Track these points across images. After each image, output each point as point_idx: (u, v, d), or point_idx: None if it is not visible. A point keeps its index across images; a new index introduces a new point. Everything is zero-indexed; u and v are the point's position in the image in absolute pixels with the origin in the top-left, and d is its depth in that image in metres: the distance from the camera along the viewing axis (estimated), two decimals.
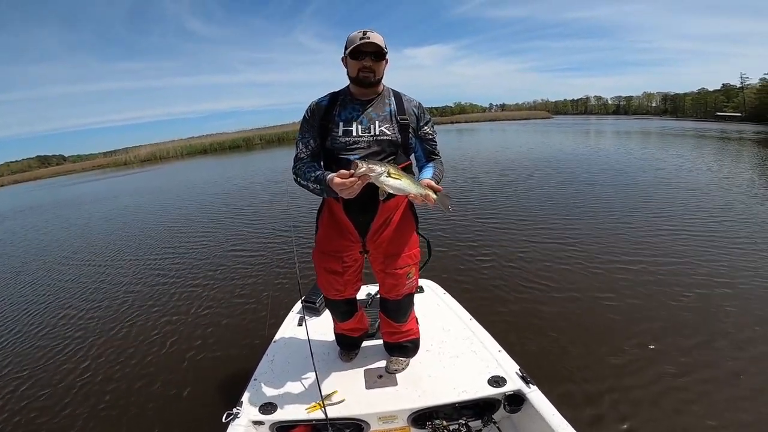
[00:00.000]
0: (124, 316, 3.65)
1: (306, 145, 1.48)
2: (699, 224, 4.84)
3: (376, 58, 1.38)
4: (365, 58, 1.36)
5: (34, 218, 10.55)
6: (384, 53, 1.38)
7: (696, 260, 3.78)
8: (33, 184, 28.79)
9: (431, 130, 1.57)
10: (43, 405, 2.53)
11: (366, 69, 1.38)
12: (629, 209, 5.65)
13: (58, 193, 17.93)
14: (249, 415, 1.50)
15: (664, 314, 2.89)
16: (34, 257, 6.33)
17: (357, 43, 1.34)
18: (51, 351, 3.19)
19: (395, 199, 1.51)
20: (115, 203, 11.34)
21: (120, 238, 6.87)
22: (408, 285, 1.65)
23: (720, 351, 2.47)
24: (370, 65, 1.38)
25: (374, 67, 1.39)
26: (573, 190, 7.21)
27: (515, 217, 5.60)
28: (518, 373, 1.59)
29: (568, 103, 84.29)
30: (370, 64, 1.37)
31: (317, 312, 2.26)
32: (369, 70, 1.38)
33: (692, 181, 7.56)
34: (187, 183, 13.89)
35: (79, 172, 34.46)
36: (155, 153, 33.94)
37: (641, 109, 69.88)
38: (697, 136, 18.77)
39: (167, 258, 5.32)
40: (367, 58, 1.36)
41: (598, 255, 4.02)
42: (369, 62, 1.37)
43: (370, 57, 1.37)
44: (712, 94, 53.20)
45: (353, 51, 1.35)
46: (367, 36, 1.34)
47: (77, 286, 4.66)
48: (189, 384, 2.55)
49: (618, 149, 13.91)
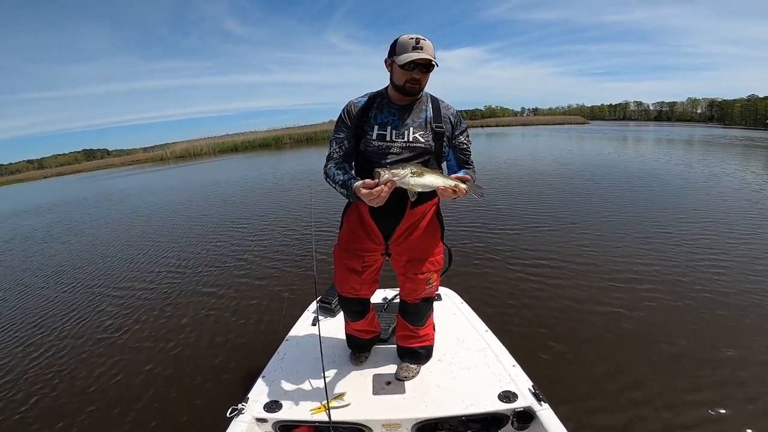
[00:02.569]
0: (145, 305, 3.81)
1: (340, 144, 1.47)
2: (736, 244, 4.50)
3: (426, 69, 1.34)
4: (416, 70, 1.32)
5: (51, 216, 11.01)
6: (434, 66, 1.34)
7: (731, 279, 3.51)
8: (74, 177, 30.55)
9: (466, 139, 1.53)
10: (67, 389, 2.65)
11: (414, 81, 1.35)
12: (671, 228, 5.23)
13: (98, 186, 18.94)
14: (253, 412, 1.51)
15: (701, 345, 2.64)
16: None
17: (411, 55, 1.28)
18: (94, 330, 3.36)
19: (423, 206, 1.49)
20: (144, 199, 11.83)
21: (142, 232, 7.15)
22: (427, 290, 1.64)
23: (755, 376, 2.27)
24: (419, 78, 1.34)
25: (422, 79, 1.36)
26: (607, 203, 6.74)
27: (545, 229, 5.35)
28: (531, 389, 1.52)
29: (605, 108, 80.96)
30: (419, 76, 1.34)
31: (332, 313, 2.26)
32: (417, 82, 1.35)
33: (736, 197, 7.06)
34: (212, 182, 14.25)
35: (119, 166, 36.30)
36: (189, 150, 35.24)
37: (685, 115, 66.22)
38: (754, 146, 17.30)
39: (189, 252, 5.50)
40: (417, 70, 1.33)
41: (628, 274, 3.77)
42: (418, 74, 1.34)
43: (420, 69, 1.33)
44: (763, 101, 49.84)
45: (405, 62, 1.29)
46: (420, 46, 1.28)
47: (96, 267, 4.91)
48: (198, 377, 2.61)
49: (663, 159, 13.00)
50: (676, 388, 2.22)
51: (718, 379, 2.28)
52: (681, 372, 2.36)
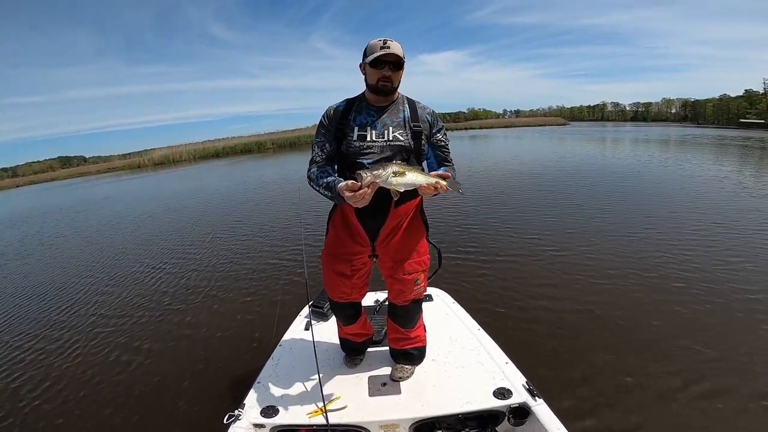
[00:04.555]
0: (135, 314, 3.72)
1: (321, 148, 1.51)
2: (719, 236, 4.70)
3: (395, 67, 1.41)
4: (385, 68, 1.39)
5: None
6: (402, 63, 1.41)
7: (713, 272, 3.67)
8: (47, 185, 29.48)
9: (443, 137, 1.58)
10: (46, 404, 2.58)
11: (385, 78, 1.41)
12: (651, 222, 5.45)
13: (71, 195, 18.39)
14: (250, 418, 1.51)
15: (683, 333, 2.76)
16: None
17: (378, 53, 1.36)
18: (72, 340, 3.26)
19: (406, 206, 1.52)
20: (126, 209, 11.58)
21: (127, 241, 7.03)
22: (416, 291, 1.66)
23: (740, 366, 2.37)
24: (389, 75, 1.40)
25: (393, 76, 1.42)
26: (592, 201, 6.92)
27: (531, 227, 5.45)
28: (525, 385, 1.55)
29: (584, 109, 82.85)
30: (389, 73, 1.40)
31: (324, 317, 2.26)
32: (388, 79, 1.41)
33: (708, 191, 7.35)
34: (191, 190, 14.05)
35: (94, 174, 35.18)
36: (168, 156, 34.34)
37: (660, 115, 68.23)
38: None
39: (178, 260, 5.41)
40: (387, 68, 1.39)
41: (617, 269, 3.89)
42: (388, 72, 1.40)
43: (389, 66, 1.40)
44: (734, 100, 51.78)
45: (374, 60, 1.37)
46: (388, 45, 1.36)
47: (84, 282, 4.77)
48: (193, 384, 2.58)
49: (645, 158, 13.37)
50: (668, 379, 2.29)
51: (709, 369, 2.35)
52: (672, 363, 2.43)
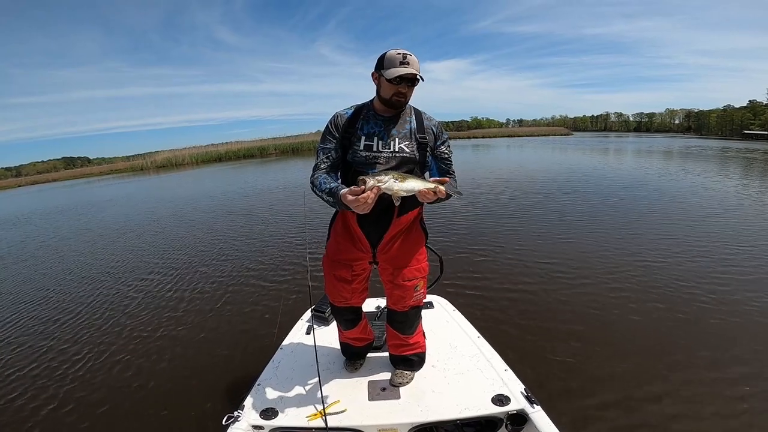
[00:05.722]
0: (137, 316, 3.73)
1: (327, 155, 1.49)
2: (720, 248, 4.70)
3: (412, 84, 1.40)
4: (402, 84, 1.38)
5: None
6: (419, 80, 1.40)
7: (713, 279, 3.66)
8: (49, 185, 29.72)
9: (447, 149, 1.58)
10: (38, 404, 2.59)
11: (400, 94, 1.40)
12: (655, 231, 5.47)
13: (72, 197, 18.49)
14: (249, 419, 1.52)
15: (684, 345, 2.74)
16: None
17: (399, 70, 1.33)
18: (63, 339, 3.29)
19: (408, 214, 1.54)
20: (132, 211, 11.64)
21: (129, 243, 7.06)
22: (416, 297, 1.66)
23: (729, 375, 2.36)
24: (405, 91, 1.40)
25: (408, 92, 1.42)
26: (594, 211, 6.93)
27: (534, 237, 5.44)
28: (523, 392, 1.56)
29: (587, 119, 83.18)
30: (405, 90, 1.40)
31: (326, 321, 2.28)
32: (403, 95, 1.41)
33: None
34: (194, 193, 14.13)
35: (97, 175, 35.45)
36: (171, 159, 34.37)
37: (664, 126, 68.39)
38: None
39: (183, 262, 5.43)
40: (404, 84, 1.38)
41: (620, 281, 3.87)
42: (405, 88, 1.39)
43: (407, 83, 1.38)
44: (738, 111, 51.75)
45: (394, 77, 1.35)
46: (407, 61, 1.34)
47: (92, 289, 4.80)
48: (193, 385, 2.58)
49: (654, 171, 13.42)
50: (667, 387, 2.29)
51: (709, 378, 2.35)
52: (671, 371, 2.43)
